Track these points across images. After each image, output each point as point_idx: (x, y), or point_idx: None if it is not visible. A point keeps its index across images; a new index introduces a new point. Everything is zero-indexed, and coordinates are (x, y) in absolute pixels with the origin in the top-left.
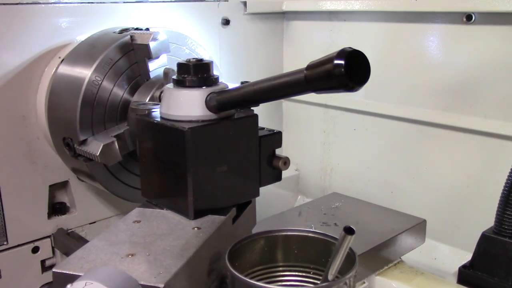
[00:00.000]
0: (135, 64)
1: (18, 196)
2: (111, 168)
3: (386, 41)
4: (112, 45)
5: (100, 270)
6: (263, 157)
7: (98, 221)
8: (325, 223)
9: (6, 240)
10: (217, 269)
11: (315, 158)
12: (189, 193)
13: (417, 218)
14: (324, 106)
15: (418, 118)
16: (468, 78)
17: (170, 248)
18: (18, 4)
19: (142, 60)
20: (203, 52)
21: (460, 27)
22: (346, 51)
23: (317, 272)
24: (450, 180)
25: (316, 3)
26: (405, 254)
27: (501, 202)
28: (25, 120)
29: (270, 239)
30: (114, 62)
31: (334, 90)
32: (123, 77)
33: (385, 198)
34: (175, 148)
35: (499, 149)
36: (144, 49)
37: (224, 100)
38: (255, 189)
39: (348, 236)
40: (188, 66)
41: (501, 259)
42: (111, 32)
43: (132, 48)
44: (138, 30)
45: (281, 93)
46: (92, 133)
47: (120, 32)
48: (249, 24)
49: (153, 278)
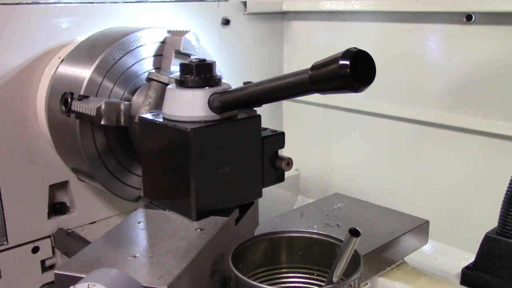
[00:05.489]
0: (156, 57)
1: (18, 196)
2: (111, 168)
3: (386, 41)
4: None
5: (103, 271)
6: (266, 158)
7: (98, 221)
8: (328, 224)
9: (6, 240)
10: (220, 270)
11: (315, 158)
12: (191, 194)
13: (419, 219)
14: (324, 106)
15: (418, 118)
16: (468, 78)
17: (173, 250)
18: (18, 4)
19: (169, 54)
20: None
21: (460, 27)
22: (352, 51)
23: (321, 274)
24: (450, 180)
25: (316, 3)
26: (408, 255)
27: (505, 203)
28: (25, 120)
29: (274, 241)
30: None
31: (339, 90)
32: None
33: (385, 198)
34: (177, 149)
35: (499, 149)
36: (177, 42)
37: (227, 101)
38: (258, 190)
39: (354, 238)
40: (190, 66)
41: (505, 260)
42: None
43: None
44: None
45: (285, 93)
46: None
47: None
48: (249, 24)
49: (156, 279)
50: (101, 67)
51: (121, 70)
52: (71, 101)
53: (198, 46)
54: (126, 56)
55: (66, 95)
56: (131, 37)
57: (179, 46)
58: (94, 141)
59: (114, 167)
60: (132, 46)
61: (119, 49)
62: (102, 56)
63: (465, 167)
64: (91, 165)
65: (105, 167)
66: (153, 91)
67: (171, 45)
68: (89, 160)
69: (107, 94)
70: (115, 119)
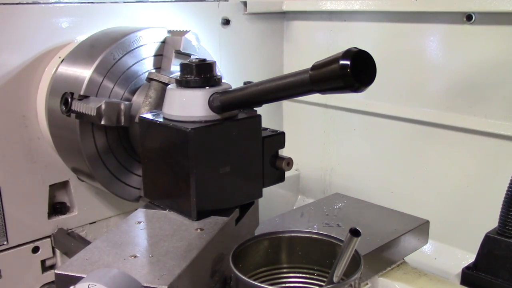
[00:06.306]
0: (156, 57)
1: (18, 196)
2: (111, 168)
3: (386, 41)
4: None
5: (103, 271)
6: (266, 157)
7: (98, 221)
8: (328, 224)
9: (6, 240)
10: (220, 270)
11: (315, 158)
12: (192, 194)
13: (420, 219)
14: (324, 106)
15: (418, 118)
16: (468, 78)
17: (173, 250)
18: (18, 4)
19: (169, 54)
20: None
21: (460, 27)
22: (352, 51)
23: (322, 274)
24: (450, 180)
25: (316, 3)
26: (408, 255)
27: (505, 203)
28: (25, 120)
29: (274, 241)
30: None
31: (339, 90)
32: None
33: (385, 198)
34: (178, 149)
35: (499, 149)
36: (177, 42)
37: (228, 101)
38: (258, 190)
39: (354, 238)
40: (191, 66)
41: (505, 260)
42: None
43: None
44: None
45: (286, 93)
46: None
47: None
48: (249, 24)
49: (156, 279)
50: (101, 67)
51: (121, 70)
52: (71, 101)
53: (198, 46)
54: (126, 56)
55: (66, 95)
56: (131, 37)
57: (179, 46)
58: (94, 141)
59: (114, 167)
60: (132, 46)
61: (119, 49)
62: (102, 56)
63: (465, 167)
64: (91, 165)
65: (105, 167)
66: (154, 91)
67: (171, 45)
68: (89, 160)
69: (107, 94)
70: (115, 119)
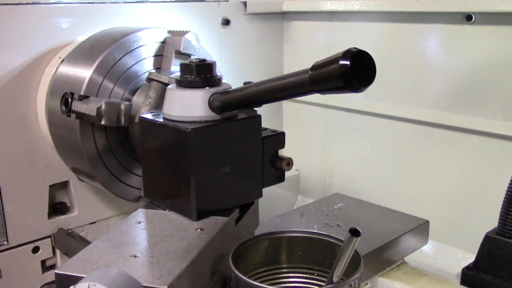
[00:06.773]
0: (156, 57)
1: (18, 196)
2: (111, 168)
3: (386, 41)
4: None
5: (103, 271)
6: (266, 158)
7: (98, 221)
8: (328, 224)
9: (6, 240)
10: (220, 270)
11: (315, 158)
12: (192, 194)
13: (420, 219)
14: (324, 106)
15: (418, 118)
16: (468, 78)
17: (173, 250)
18: (19, 4)
19: (169, 54)
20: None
21: (460, 27)
22: (352, 51)
23: (321, 274)
24: (450, 180)
25: (316, 3)
26: (408, 255)
27: (505, 203)
28: (25, 120)
29: (274, 241)
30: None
31: (339, 90)
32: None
33: (385, 198)
34: (178, 149)
35: (499, 149)
36: (177, 42)
37: (228, 101)
38: (258, 190)
39: (354, 238)
40: (191, 66)
41: (505, 260)
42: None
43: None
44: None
45: (286, 93)
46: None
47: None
48: (249, 24)
49: (156, 279)
50: (101, 67)
51: (122, 70)
52: (71, 101)
53: (198, 46)
54: (126, 56)
55: (67, 95)
56: (132, 37)
57: (179, 46)
58: (94, 141)
59: (114, 167)
60: (132, 46)
61: (120, 49)
62: (102, 56)
63: (465, 167)
64: (92, 165)
65: (105, 167)
66: (154, 91)
67: (171, 45)
68: (89, 160)
69: (107, 94)
70: (116, 119)
